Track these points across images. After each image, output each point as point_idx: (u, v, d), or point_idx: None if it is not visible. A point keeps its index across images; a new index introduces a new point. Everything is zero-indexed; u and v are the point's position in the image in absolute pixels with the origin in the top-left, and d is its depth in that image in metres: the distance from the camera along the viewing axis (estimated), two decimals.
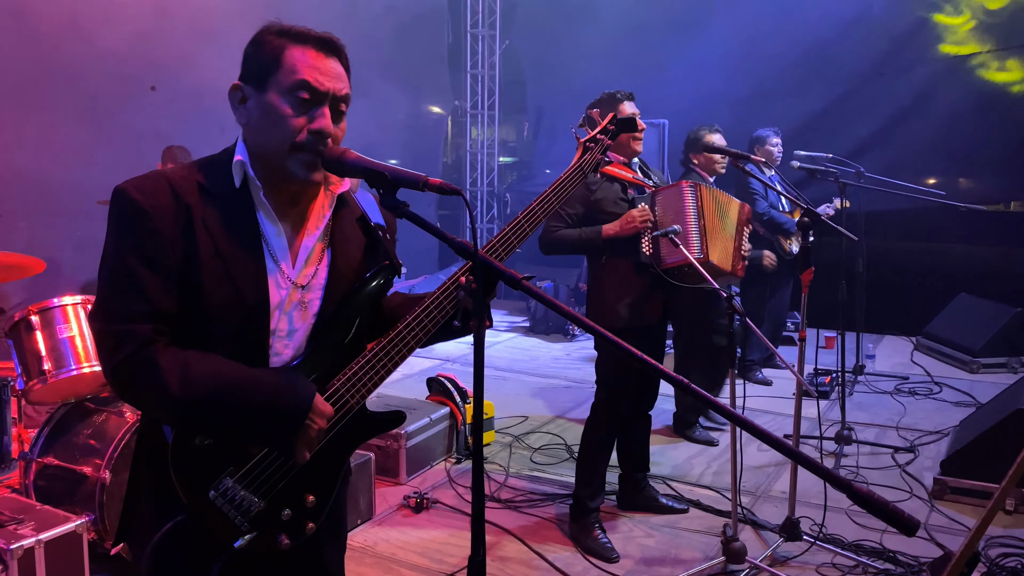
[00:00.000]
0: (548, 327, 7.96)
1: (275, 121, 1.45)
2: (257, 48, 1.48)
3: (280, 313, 1.51)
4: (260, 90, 1.46)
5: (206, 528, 1.45)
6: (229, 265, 1.45)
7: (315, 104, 1.46)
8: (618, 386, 3.50)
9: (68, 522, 2.68)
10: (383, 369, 1.53)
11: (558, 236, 3.40)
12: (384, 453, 4.12)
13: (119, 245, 1.42)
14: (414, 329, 1.55)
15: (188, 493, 1.43)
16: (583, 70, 9.09)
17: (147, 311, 1.40)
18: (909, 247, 7.88)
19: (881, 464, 4.37)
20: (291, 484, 1.51)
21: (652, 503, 3.83)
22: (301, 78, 1.44)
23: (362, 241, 1.63)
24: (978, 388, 5.74)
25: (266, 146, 1.47)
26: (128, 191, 1.41)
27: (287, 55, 1.45)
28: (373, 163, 1.40)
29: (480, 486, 1.36)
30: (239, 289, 1.45)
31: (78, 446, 3.15)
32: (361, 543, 3.50)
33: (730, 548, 3.17)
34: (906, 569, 3.18)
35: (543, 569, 3.29)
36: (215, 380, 1.40)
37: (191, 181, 1.47)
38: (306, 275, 1.54)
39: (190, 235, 1.43)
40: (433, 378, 4.83)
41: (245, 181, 1.49)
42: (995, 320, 6.41)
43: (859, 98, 7.99)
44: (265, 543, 1.49)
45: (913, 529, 1.06)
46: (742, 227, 3.58)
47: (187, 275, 1.43)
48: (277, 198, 1.52)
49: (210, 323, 1.45)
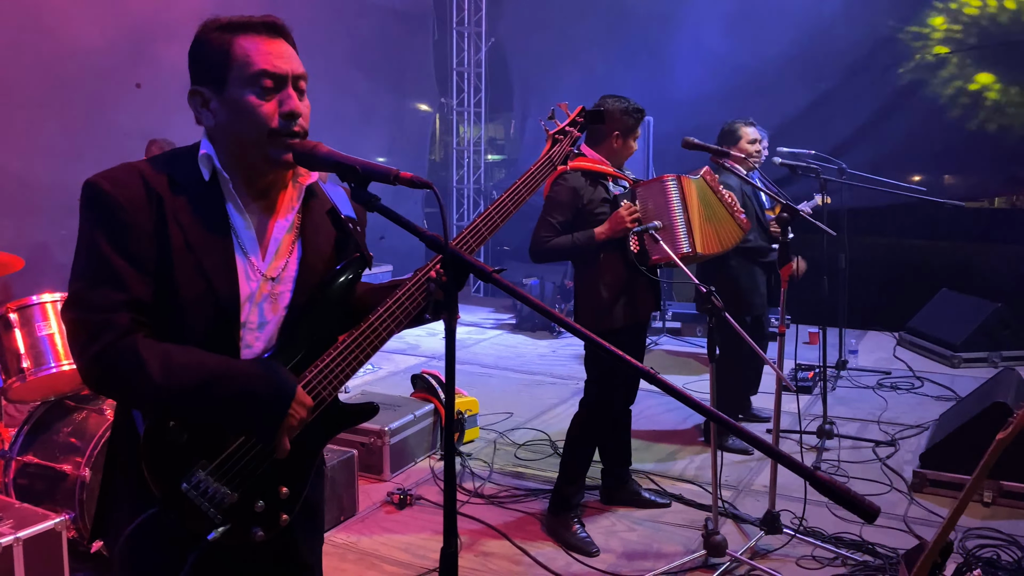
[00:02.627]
0: (534, 324, 7.97)
1: (245, 114, 1.46)
2: (203, 48, 1.48)
3: (251, 305, 1.52)
4: (220, 90, 1.47)
5: (179, 521, 1.44)
6: (200, 257, 1.46)
7: (279, 88, 1.47)
8: (610, 384, 3.51)
9: (47, 520, 2.67)
10: (355, 361, 1.55)
11: (552, 246, 3.39)
12: (368, 450, 4.12)
13: (94, 236, 1.41)
14: (385, 321, 1.56)
15: (160, 485, 1.43)
16: (569, 67, 9.11)
17: (125, 300, 1.40)
18: (891, 243, 7.95)
19: (862, 458, 4.41)
20: (264, 476, 1.52)
21: (635, 498, 3.85)
22: (259, 68, 1.45)
23: (332, 233, 1.64)
24: (959, 382, 5.79)
25: (242, 140, 1.48)
26: (100, 184, 1.42)
27: (236, 48, 1.46)
28: (344, 157, 1.41)
29: (452, 477, 1.37)
30: (210, 281, 1.46)
31: (58, 444, 3.14)
32: (344, 540, 3.51)
33: (711, 542, 3.19)
34: (884, 561, 3.21)
35: (526, 564, 3.31)
36: (198, 370, 1.40)
37: (161, 174, 1.47)
38: (276, 267, 1.55)
39: (162, 227, 1.44)
40: (418, 375, 4.84)
41: (214, 174, 1.50)
42: (976, 315, 6.47)
43: (843, 94, 8.03)
44: (239, 536, 1.49)
45: (873, 516, 1.08)
46: (717, 191, 3.55)
47: (160, 267, 1.44)
48: (247, 191, 1.53)
49: (182, 315, 1.46)
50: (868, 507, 1.07)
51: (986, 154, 7.62)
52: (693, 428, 4.97)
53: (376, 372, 6.35)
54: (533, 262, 3.52)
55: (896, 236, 7.90)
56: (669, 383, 1.21)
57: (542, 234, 3.41)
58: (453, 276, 1.33)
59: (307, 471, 1.59)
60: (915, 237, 7.92)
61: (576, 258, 3.50)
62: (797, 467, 1.11)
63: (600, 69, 8.60)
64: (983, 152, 7.62)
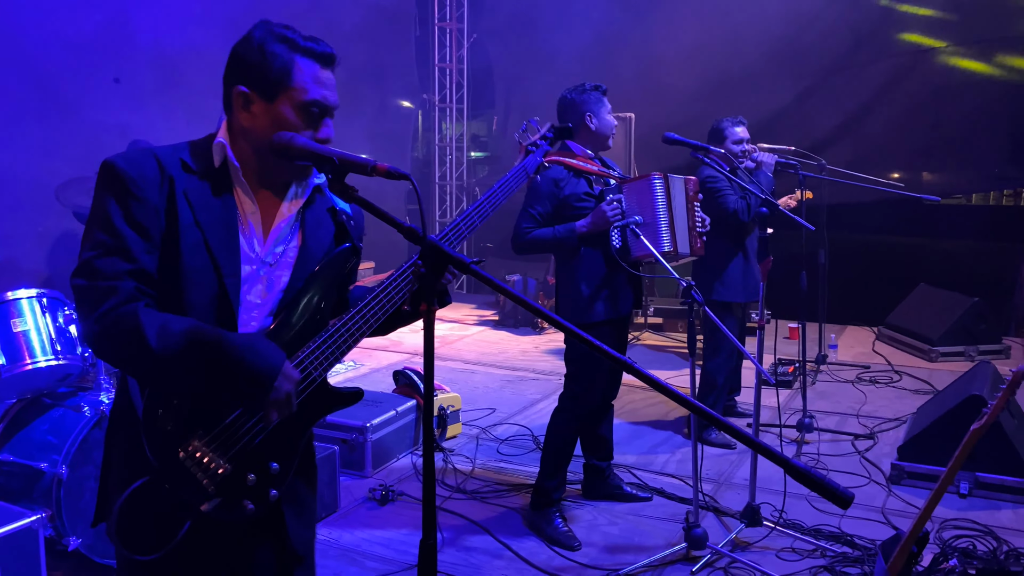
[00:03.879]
0: (517, 320, 7.98)
1: (282, 129, 1.54)
2: (264, 56, 1.53)
3: (250, 286, 1.60)
4: (269, 100, 1.54)
5: (173, 489, 1.49)
6: (206, 234, 1.53)
7: (322, 116, 1.57)
8: (590, 379, 3.52)
9: (23, 518, 2.64)
10: (344, 344, 1.62)
11: (533, 238, 3.40)
12: (349, 446, 4.11)
13: (106, 208, 1.49)
14: (374, 308, 1.63)
15: (157, 454, 1.48)
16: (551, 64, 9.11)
17: (132, 269, 1.47)
18: (871, 239, 8.03)
19: (842, 451, 4.45)
20: (256, 450, 1.58)
21: (616, 492, 3.86)
22: (314, 98, 1.54)
23: (332, 229, 1.73)
24: (937, 376, 5.87)
25: (268, 147, 1.55)
26: (115, 162, 1.51)
27: (297, 71, 1.54)
28: (321, 148, 1.44)
29: (431, 469, 1.38)
30: (214, 257, 1.54)
31: (35, 442, 3.10)
32: (326, 536, 3.50)
33: (692, 535, 3.21)
34: (863, 552, 3.24)
35: (508, 558, 3.31)
36: (191, 337, 1.45)
37: (175, 157, 1.56)
38: (275, 253, 1.63)
39: (172, 204, 1.52)
40: (400, 371, 4.83)
41: (224, 162, 1.58)
42: (953, 310, 6.55)
43: (824, 91, 8.09)
44: (231, 508, 1.54)
45: (847, 503, 1.09)
46: (691, 204, 3.58)
47: (167, 241, 1.51)
48: (255, 180, 1.61)
49: (185, 290, 1.52)
50: (842, 494, 1.08)
51: (965, 151, 7.71)
52: (675, 422, 5.00)
53: (358, 368, 6.33)
54: (515, 253, 3.53)
55: (875, 232, 7.98)
56: (650, 374, 1.21)
57: (523, 225, 3.42)
58: (431, 267, 1.33)
59: (296, 449, 1.65)
60: (894, 233, 8.01)
61: (557, 251, 3.51)
62: (775, 457, 1.12)
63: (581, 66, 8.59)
64: (962, 149, 7.71)
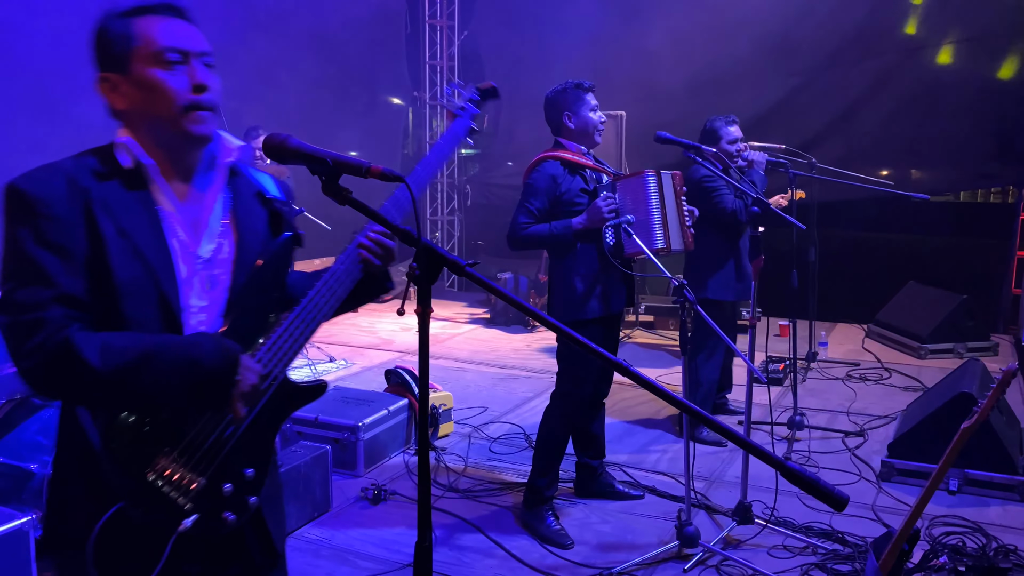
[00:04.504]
0: (509, 318, 7.98)
1: (155, 92, 1.47)
2: (105, 35, 1.50)
3: (191, 288, 1.52)
4: (126, 72, 1.48)
5: (148, 513, 1.43)
6: (135, 241, 1.45)
7: (183, 63, 1.50)
8: (581, 377, 3.52)
9: (14, 520, 2.63)
10: (302, 337, 1.57)
11: (529, 234, 3.40)
12: (341, 445, 4.10)
13: (16, 236, 1.39)
14: (325, 295, 1.58)
15: (125, 479, 1.41)
16: (542, 61, 9.10)
17: (55, 295, 1.38)
18: (860, 236, 8.06)
19: (832, 448, 4.47)
20: (228, 458, 1.51)
21: (608, 490, 3.87)
22: (161, 44, 1.47)
23: (263, 214, 1.66)
24: (926, 373, 5.90)
25: (156, 118, 1.49)
26: (17, 184, 1.41)
27: (136, 29, 1.48)
28: (315, 149, 1.41)
29: (425, 470, 1.37)
30: (148, 263, 1.46)
31: (24, 443, 3.09)
32: (318, 536, 3.49)
33: (684, 533, 3.22)
34: (853, 549, 3.26)
35: (500, 557, 3.32)
36: (137, 349, 1.38)
37: (83, 167, 1.47)
38: (210, 250, 1.56)
39: (90, 218, 1.43)
40: (391, 370, 4.82)
41: (136, 162, 1.50)
42: (942, 307, 6.59)
43: (813, 89, 8.12)
44: (211, 523, 1.49)
45: (842, 505, 1.09)
46: (679, 198, 3.58)
47: (94, 257, 1.42)
48: (171, 174, 1.54)
49: (123, 303, 1.44)
50: (837, 496, 1.09)
51: (952, 149, 7.75)
52: (666, 420, 5.01)
53: (350, 367, 6.32)
54: (510, 249, 3.53)
55: (864, 229, 8.02)
56: (642, 375, 1.21)
57: (520, 221, 3.42)
58: (426, 269, 1.33)
59: (268, 451, 1.61)
60: (884, 230, 8.05)
61: (552, 247, 3.52)
62: (769, 458, 1.12)
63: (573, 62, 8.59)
64: (949, 147, 7.75)
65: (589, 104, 3.48)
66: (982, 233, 7.93)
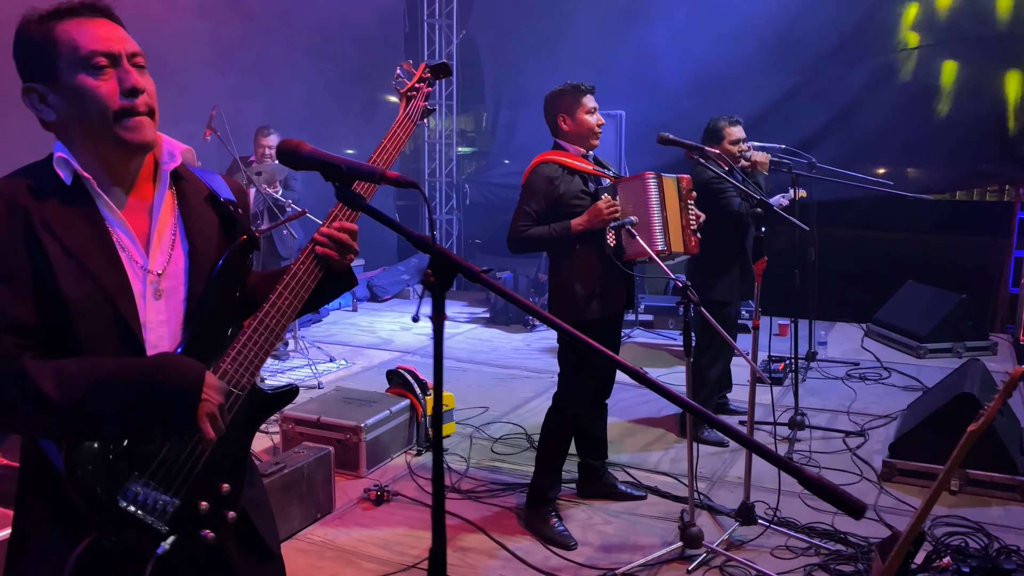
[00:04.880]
0: (508, 318, 7.97)
1: (85, 99, 1.40)
2: (26, 42, 1.43)
3: (146, 302, 1.46)
4: (53, 81, 1.41)
5: (123, 541, 1.38)
6: (83, 260, 1.39)
7: (113, 66, 1.42)
8: (583, 378, 3.53)
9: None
10: (267, 343, 1.52)
11: (529, 235, 3.40)
12: (343, 446, 4.10)
13: None
14: (287, 298, 1.54)
15: (95, 508, 1.36)
16: (541, 60, 9.10)
17: (2, 325, 1.32)
18: (859, 236, 8.07)
19: (833, 448, 4.48)
20: (202, 475, 1.47)
21: (611, 490, 3.88)
22: (88, 49, 1.39)
23: (215, 219, 1.60)
24: (925, 373, 5.92)
25: (89, 127, 1.42)
26: None
27: (60, 34, 1.40)
28: (328, 155, 1.40)
29: (440, 478, 1.37)
30: (99, 281, 1.40)
31: None
32: (322, 537, 3.49)
33: (687, 533, 3.23)
34: (856, 550, 3.27)
35: (504, 558, 3.32)
36: (95, 376, 1.33)
37: (19, 186, 1.40)
38: (161, 262, 1.50)
39: (32, 239, 1.36)
40: (393, 370, 4.82)
41: (76, 176, 1.43)
42: (941, 307, 6.60)
43: (812, 88, 8.13)
44: (188, 542, 1.45)
45: (860, 512, 1.09)
46: (686, 203, 3.58)
47: (40, 280, 1.36)
48: (112, 186, 1.48)
49: (76, 324, 1.38)
50: (855, 504, 1.09)
51: (949, 148, 7.76)
52: (667, 419, 5.02)
53: (349, 368, 6.31)
54: (511, 252, 3.53)
55: (863, 228, 8.03)
56: (648, 376, 1.22)
57: (519, 223, 3.42)
58: (441, 276, 1.32)
59: (243, 463, 1.56)
60: (882, 229, 8.06)
61: (552, 249, 3.52)
62: (787, 466, 1.12)
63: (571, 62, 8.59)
64: (946, 146, 7.76)
65: (587, 106, 3.47)
66: (980, 232, 7.95)
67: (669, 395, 1.21)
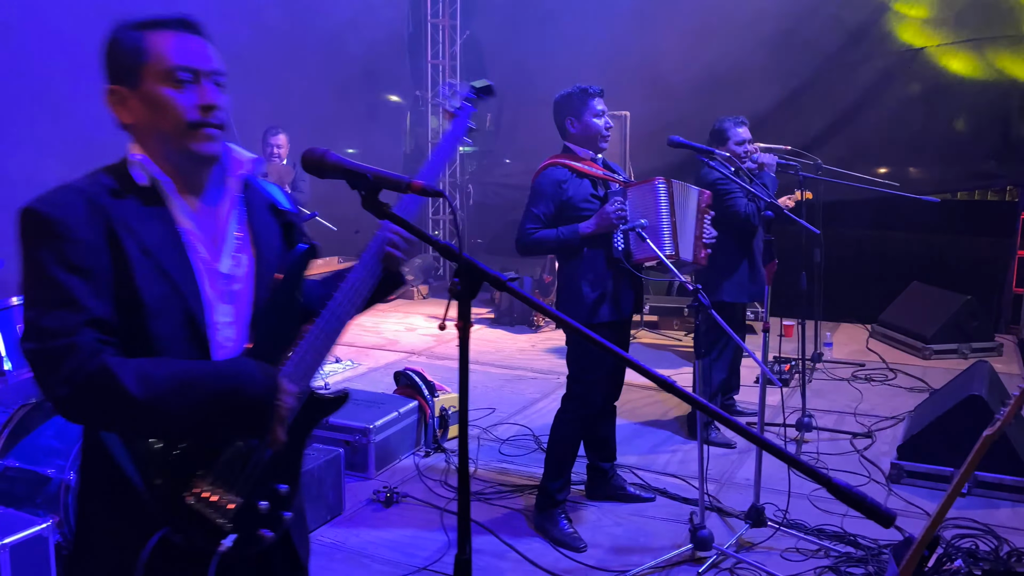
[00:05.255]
0: (513, 319, 7.98)
1: (162, 109, 1.46)
2: (116, 47, 1.49)
3: (215, 305, 1.51)
4: (136, 87, 1.47)
5: (189, 537, 1.43)
6: (159, 260, 1.44)
7: (194, 82, 1.47)
8: (591, 380, 3.53)
9: (33, 525, 2.63)
10: (325, 347, 1.56)
11: (537, 239, 3.41)
12: (352, 448, 4.10)
13: (39, 261, 1.35)
14: (345, 304, 1.57)
15: (164, 505, 1.41)
16: (544, 60, 9.09)
17: (85, 320, 1.34)
18: (863, 236, 8.07)
19: (840, 450, 4.49)
20: (262, 477, 1.51)
21: (620, 492, 3.88)
22: (173, 62, 1.45)
23: (277, 226, 1.66)
24: (931, 374, 5.92)
25: (162, 136, 1.47)
26: (36, 207, 1.37)
27: (150, 44, 1.46)
28: (355, 164, 1.41)
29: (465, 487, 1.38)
30: (174, 282, 1.44)
31: (40, 447, 3.08)
32: (332, 539, 3.49)
33: (698, 536, 3.24)
34: (866, 552, 3.28)
35: (514, 560, 3.32)
36: (176, 377, 1.36)
37: (99, 186, 1.45)
38: (231, 265, 1.54)
39: (113, 238, 1.41)
40: (400, 371, 4.83)
41: (152, 179, 1.48)
42: (946, 308, 6.60)
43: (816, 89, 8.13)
44: (249, 540, 1.49)
45: (890, 521, 1.10)
46: (701, 216, 3.59)
47: (119, 278, 1.40)
48: (186, 190, 1.52)
49: (151, 324, 1.42)
50: (885, 513, 1.10)
51: (954, 149, 7.76)
52: (674, 421, 5.02)
53: (356, 368, 6.32)
54: (519, 255, 3.54)
55: (867, 229, 8.03)
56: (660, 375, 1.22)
57: (527, 226, 3.43)
58: (467, 285, 1.33)
59: (298, 466, 1.60)
60: (886, 230, 8.06)
61: (560, 252, 3.52)
62: (816, 475, 1.13)
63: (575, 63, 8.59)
64: (951, 147, 7.76)
65: (594, 109, 3.47)
66: (984, 232, 7.94)
67: (685, 396, 1.22)
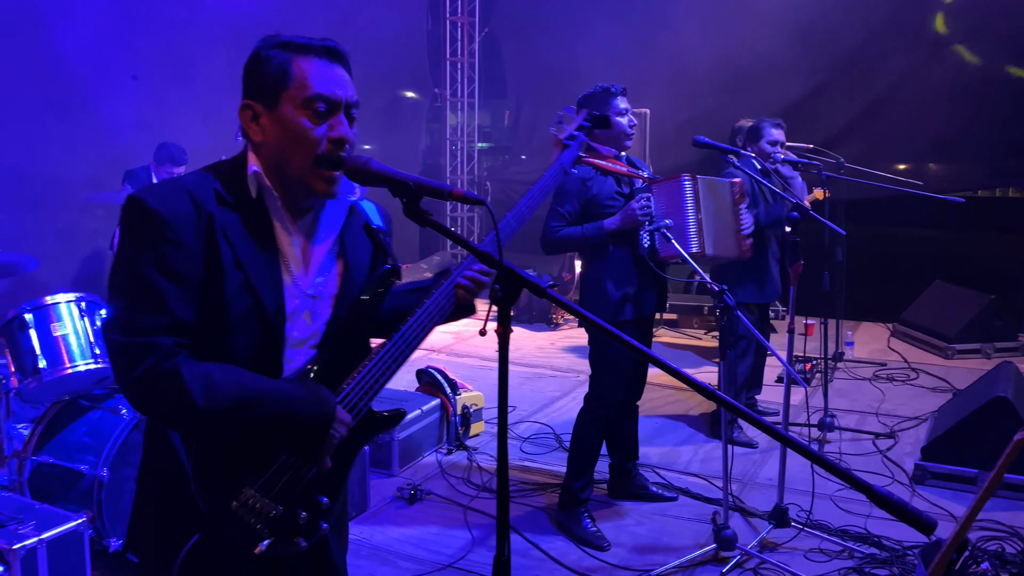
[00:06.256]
0: (531, 316, 8.00)
1: (294, 135, 1.46)
2: (261, 65, 1.48)
3: (293, 322, 1.54)
4: (272, 107, 1.47)
5: (228, 540, 1.47)
6: (249, 274, 1.46)
7: (331, 114, 1.48)
8: (614, 379, 3.54)
9: (69, 521, 2.68)
10: (388, 371, 1.58)
11: (562, 236, 3.43)
12: (376, 445, 4.14)
13: (138, 255, 1.39)
14: (415, 330, 1.59)
15: (210, 506, 1.45)
16: (563, 57, 9.09)
17: (168, 323, 1.39)
18: (884, 234, 8.03)
19: (863, 450, 4.47)
20: (306, 489, 1.54)
21: (642, 491, 3.90)
22: (315, 91, 1.45)
23: (369, 248, 1.68)
24: (954, 374, 5.89)
25: (288, 161, 1.48)
26: (145, 199, 1.40)
27: (295, 68, 1.46)
28: (397, 172, 1.42)
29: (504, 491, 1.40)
30: (260, 299, 1.48)
31: (73, 444, 3.14)
32: (357, 536, 3.53)
33: (722, 536, 3.24)
34: (891, 553, 3.27)
35: (537, 558, 3.34)
36: (239, 392, 1.41)
37: (208, 189, 1.47)
38: (317, 284, 1.57)
39: (212, 245, 1.43)
40: (423, 370, 4.86)
41: (260, 191, 1.51)
42: (970, 307, 6.55)
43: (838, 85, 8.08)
44: (284, 547, 1.52)
45: (931, 529, 1.11)
46: (736, 207, 3.59)
47: (209, 285, 1.44)
48: (292, 209, 1.54)
49: (230, 333, 1.46)
50: (926, 521, 1.10)
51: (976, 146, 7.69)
52: (696, 419, 5.02)
53: None
54: (544, 253, 3.55)
55: (889, 227, 7.98)
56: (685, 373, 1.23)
57: (552, 224, 3.45)
58: (508, 291, 1.35)
59: (343, 480, 1.62)
60: (908, 228, 8.01)
61: (585, 250, 3.54)
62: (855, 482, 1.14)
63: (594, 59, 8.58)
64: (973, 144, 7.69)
65: (617, 108, 3.48)
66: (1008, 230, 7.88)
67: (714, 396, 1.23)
